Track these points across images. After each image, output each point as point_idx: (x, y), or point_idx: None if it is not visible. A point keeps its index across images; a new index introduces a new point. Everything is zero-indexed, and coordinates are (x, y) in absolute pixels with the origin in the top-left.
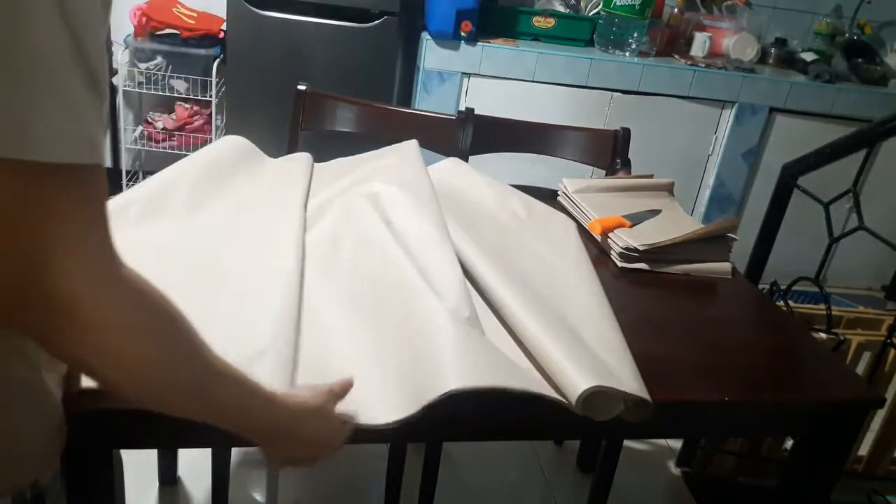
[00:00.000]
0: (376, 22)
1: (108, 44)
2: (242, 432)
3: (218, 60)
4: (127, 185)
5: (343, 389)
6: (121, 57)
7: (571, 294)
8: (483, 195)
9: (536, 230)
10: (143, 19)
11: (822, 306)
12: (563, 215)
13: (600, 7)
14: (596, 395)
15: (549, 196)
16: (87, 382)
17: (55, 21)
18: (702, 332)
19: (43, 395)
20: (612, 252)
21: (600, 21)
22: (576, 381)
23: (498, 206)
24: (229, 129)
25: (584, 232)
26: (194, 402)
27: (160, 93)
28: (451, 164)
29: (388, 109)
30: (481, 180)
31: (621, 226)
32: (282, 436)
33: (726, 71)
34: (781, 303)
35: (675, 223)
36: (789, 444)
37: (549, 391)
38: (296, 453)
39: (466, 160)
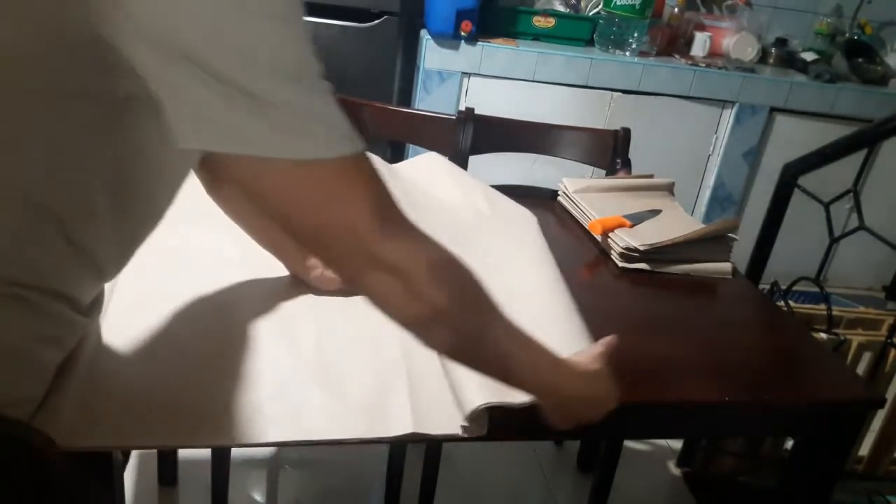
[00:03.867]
0: (376, 21)
1: None
2: (534, 394)
3: None
4: None
5: (610, 347)
6: None
7: (512, 296)
8: (448, 191)
9: (496, 228)
10: None
11: (823, 306)
12: (526, 211)
13: (600, 7)
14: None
15: (549, 196)
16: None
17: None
18: (702, 333)
19: (24, 362)
20: (612, 252)
21: (600, 21)
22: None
23: (461, 202)
24: None
25: (581, 231)
26: (497, 365)
27: None
28: (425, 160)
29: (387, 109)
30: (447, 175)
31: (622, 226)
32: (569, 398)
33: (727, 71)
34: (782, 303)
35: (676, 223)
36: (790, 444)
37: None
38: (578, 413)
39: (466, 160)
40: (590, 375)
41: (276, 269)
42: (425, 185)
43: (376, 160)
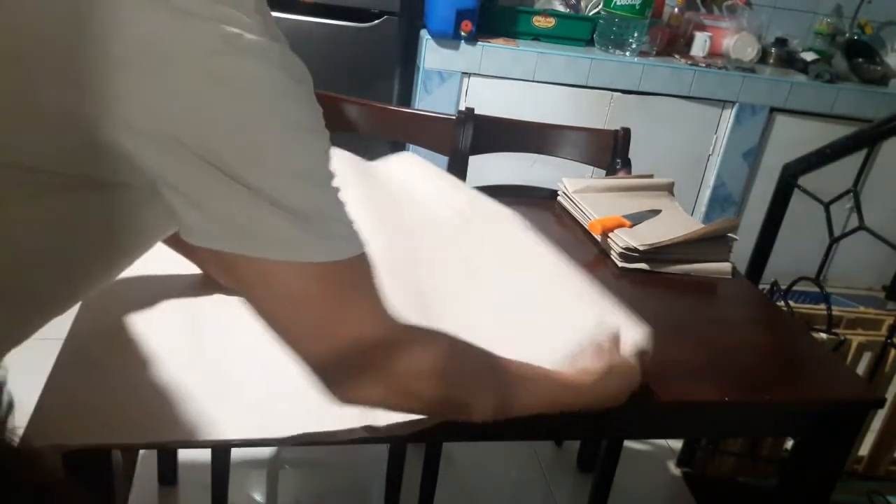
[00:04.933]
0: (376, 21)
1: None
2: (552, 413)
3: None
4: None
5: (615, 335)
6: None
7: (507, 292)
8: (426, 189)
9: (478, 224)
10: None
11: (823, 306)
12: (506, 208)
13: (600, 7)
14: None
15: (548, 196)
16: None
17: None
18: (702, 332)
19: None
20: (612, 252)
21: (600, 21)
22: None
23: (440, 199)
24: None
25: (580, 231)
26: (501, 407)
27: None
28: (401, 159)
29: (387, 109)
30: (424, 174)
31: (621, 226)
32: (588, 403)
33: (726, 71)
34: (782, 303)
35: (676, 223)
36: (789, 444)
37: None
38: (603, 406)
39: (466, 160)
40: (604, 377)
41: (187, 267)
42: (404, 184)
43: (349, 156)
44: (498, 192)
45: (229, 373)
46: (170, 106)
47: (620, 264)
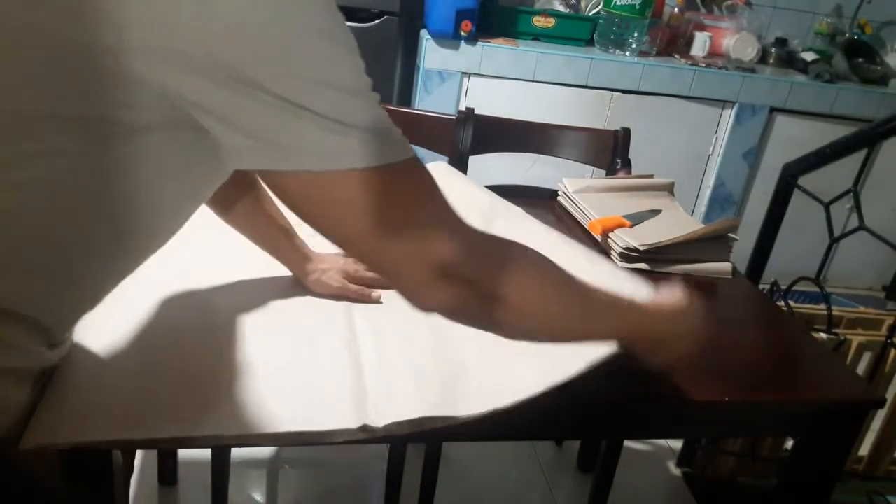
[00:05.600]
0: (376, 21)
1: None
2: (626, 342)
3: None
4: None
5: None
6: None
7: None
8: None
9: (508, 224)
10: None
11: (823, 306)
12: (519, 209)
13: (600, 7)
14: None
15: (549, 196)
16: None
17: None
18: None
19: None
20: (612, 252)
21: (600, 21)
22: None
23: (467, 206)
24: None
25: (581, 231)
26: (581, 324)
27: None
28: (433, 169)
29: (387, 109)
30: (452, 182)
31: (621, 226)
32: (662, 338)
33: (727, 71)
34: (782, 303)
35: (676, 223)
36: (789, 444)
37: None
38: (674, 352)
39: (466, 160)
40: (679, 313)
41: (187, 268)
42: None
43: None
44: (498, 193)
45: (228, 372)
46: (193, 25)
47: (620, 264)
